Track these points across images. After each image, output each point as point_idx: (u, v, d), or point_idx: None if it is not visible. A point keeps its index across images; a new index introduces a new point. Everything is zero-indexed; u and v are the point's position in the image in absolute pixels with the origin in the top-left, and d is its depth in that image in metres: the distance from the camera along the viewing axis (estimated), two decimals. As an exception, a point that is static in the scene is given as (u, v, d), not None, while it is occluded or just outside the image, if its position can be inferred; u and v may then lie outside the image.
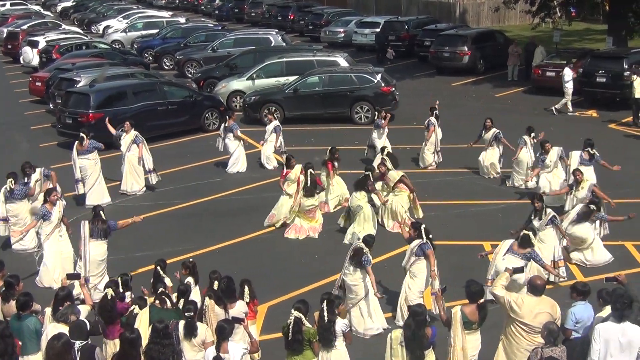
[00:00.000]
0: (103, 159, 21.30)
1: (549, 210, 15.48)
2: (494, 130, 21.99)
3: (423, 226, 14.07)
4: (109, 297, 11.66)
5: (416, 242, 13.87)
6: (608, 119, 28.63)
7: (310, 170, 18.35)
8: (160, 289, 11.93)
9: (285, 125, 24.32)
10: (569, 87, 29.53)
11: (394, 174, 18.86)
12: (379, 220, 18.66)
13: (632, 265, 16.26)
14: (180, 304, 11.62)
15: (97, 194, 20.63)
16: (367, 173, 18.20)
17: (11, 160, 24.65)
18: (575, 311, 10.98)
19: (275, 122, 23.53)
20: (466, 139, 25.08)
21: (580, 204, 16.70)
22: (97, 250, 15.27)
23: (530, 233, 13.97)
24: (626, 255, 16.81)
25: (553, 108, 29.68)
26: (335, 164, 19.94)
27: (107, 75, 29.72)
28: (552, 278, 14.92)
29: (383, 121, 22.79)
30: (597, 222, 16.72)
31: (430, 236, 13.95)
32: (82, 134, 20.62)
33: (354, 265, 13.66)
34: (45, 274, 16.02)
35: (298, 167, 18.93)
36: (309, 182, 18.23)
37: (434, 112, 23.22)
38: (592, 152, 19.05)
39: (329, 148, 20.36)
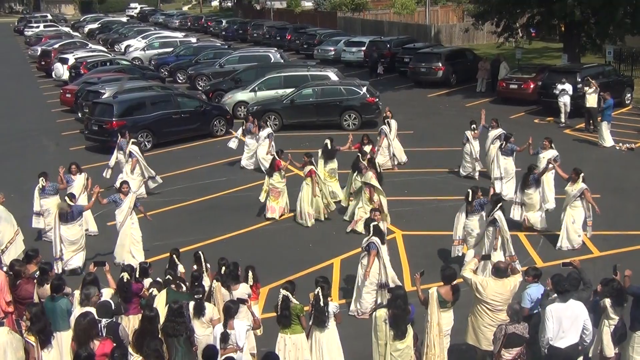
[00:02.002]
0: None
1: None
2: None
3: (373, 224, 13.71)
4: (125, 279, 11.68)
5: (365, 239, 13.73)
6: (564, 125, 28.64)
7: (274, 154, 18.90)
8: (169, 275, 11.97)
9: (283, 131, 24.32)
10: (562, 101, 28.65)
11: (369, 176, 17.39)
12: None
13: (586, 252, 16.30)
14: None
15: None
16: (358, 155, 18.55)
17: (43, 161, 24.63)
18: (530, 292, 11.04)
19: (269, 129, 23.23)
20: (441, 143, 25.23)
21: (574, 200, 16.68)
22: (68, 232, 15.77)
23: (469, 190, 15.00)
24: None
25: (561, 122, 28.89)
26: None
27: (125, 86, 29.68)
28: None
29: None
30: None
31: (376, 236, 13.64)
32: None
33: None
34: (119, 252, 16.25)
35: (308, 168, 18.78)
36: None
37: (386, 121, 23.08)
38: (501, 143, 19.86)
39: (362, 135, 20.66)
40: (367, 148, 19.83)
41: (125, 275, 11.72)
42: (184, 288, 11.64)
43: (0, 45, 73.64)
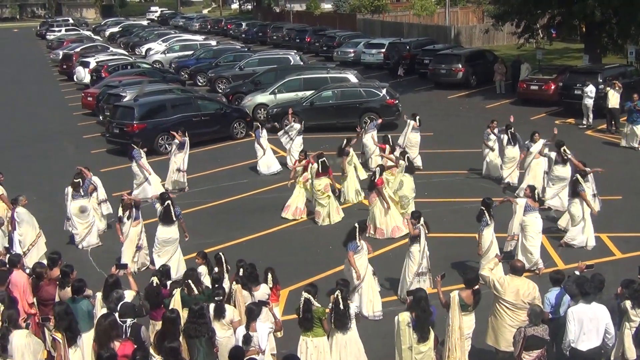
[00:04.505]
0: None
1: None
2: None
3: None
4: (154, 284, 11.72)
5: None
6: (585, 126, 28.42)
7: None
8: (186, 277, 11.93)
9: (303, 133, 24.27)
10: (586, 103, 28.33)
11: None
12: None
13: (607, 254, 16.21)
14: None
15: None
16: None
17: (65, 164, 24.80)
18: (549, 296, 11.08)
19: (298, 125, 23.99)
20: (461, 145, 25.14)
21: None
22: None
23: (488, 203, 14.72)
24: (602, 246, 16.72)
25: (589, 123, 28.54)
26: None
27: (146, 90, 29.81)
28: None
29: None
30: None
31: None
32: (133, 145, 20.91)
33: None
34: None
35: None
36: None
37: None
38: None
39: (384, 135, 20.85)
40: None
41: (155, 280, 11.77)
42: (195, 291, 11.58)
43: (22, 49, 74.37)
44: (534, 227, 15.20)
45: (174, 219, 15.45)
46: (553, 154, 18.92)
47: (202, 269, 12.72)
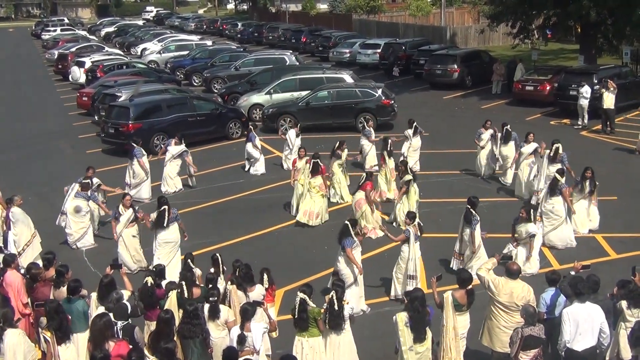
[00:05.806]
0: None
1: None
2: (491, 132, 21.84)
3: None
4: (149, 284, 11.67)
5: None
6: (580, 127, 28.45)
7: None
8: (183, 279, 11.86)
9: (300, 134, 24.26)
10: (581, 103, 28.33)
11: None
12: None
13: (603, 254, 16.23)
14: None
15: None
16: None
17: (60, 164, 24.76)
18: (545, 296, 11.10)
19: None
20: (457, 145, 25.13)
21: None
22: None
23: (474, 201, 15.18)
24: (598, 246, 16.76)
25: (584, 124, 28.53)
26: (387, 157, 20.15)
27: (141, 89, 29.74)
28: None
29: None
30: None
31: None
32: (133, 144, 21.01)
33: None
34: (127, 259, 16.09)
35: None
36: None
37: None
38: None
39: (383, 137, 20.77)
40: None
41: (150, 280, 11.73)
42: (186, 293, 11.50)
43: (18, 49, 74.20)
44: (539, 238, 15.34)
45: (165, 224, 15.25)
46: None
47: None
